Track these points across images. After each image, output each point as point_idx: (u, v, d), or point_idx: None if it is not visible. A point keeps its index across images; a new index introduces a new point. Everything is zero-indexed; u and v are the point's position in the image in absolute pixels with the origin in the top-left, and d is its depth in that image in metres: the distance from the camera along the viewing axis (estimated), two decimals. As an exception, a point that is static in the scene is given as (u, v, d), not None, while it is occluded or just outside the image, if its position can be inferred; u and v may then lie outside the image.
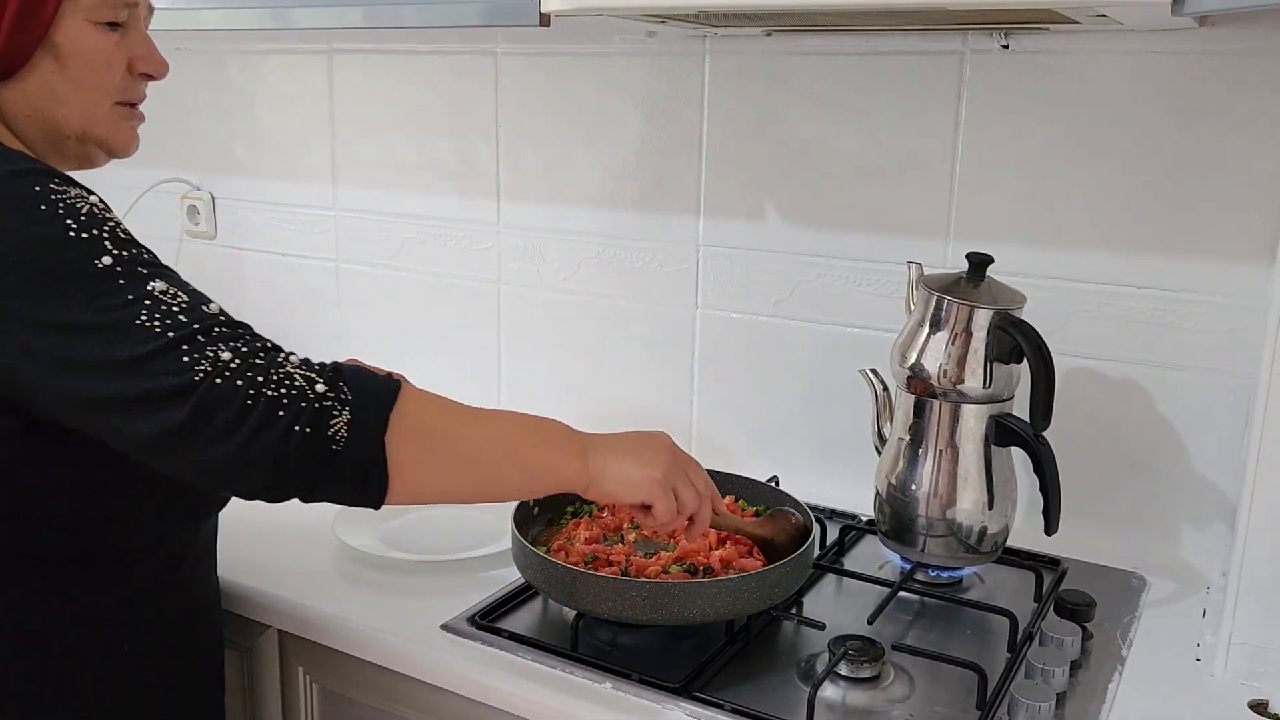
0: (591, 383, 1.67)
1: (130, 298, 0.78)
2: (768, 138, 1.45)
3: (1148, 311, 1.26)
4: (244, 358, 0.78)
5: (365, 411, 0.80)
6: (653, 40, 1.50)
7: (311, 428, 0.77)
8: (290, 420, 0.77)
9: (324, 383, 0.79)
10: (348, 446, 0.79)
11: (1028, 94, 1.28)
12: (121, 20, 0.92)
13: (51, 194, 0.80)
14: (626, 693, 0.99)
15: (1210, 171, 1.21)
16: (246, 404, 0.76)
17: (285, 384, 0.78)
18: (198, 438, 0.76)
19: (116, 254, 0.80)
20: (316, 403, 0.78)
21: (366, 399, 0.80)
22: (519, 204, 1.68)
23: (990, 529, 1.19)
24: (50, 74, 0.89)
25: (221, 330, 0.80)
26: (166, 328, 0.78)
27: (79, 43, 0.89)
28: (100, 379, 0.77)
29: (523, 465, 0.90)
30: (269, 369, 0.78)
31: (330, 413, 0.78)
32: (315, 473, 0.78)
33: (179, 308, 0.79)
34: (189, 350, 0.77)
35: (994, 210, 1.33)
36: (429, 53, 1.70)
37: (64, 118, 0.91)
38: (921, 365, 1.17)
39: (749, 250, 1.50)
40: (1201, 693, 1.02)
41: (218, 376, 0.77)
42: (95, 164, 0.96)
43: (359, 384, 0.81)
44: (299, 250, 1.93)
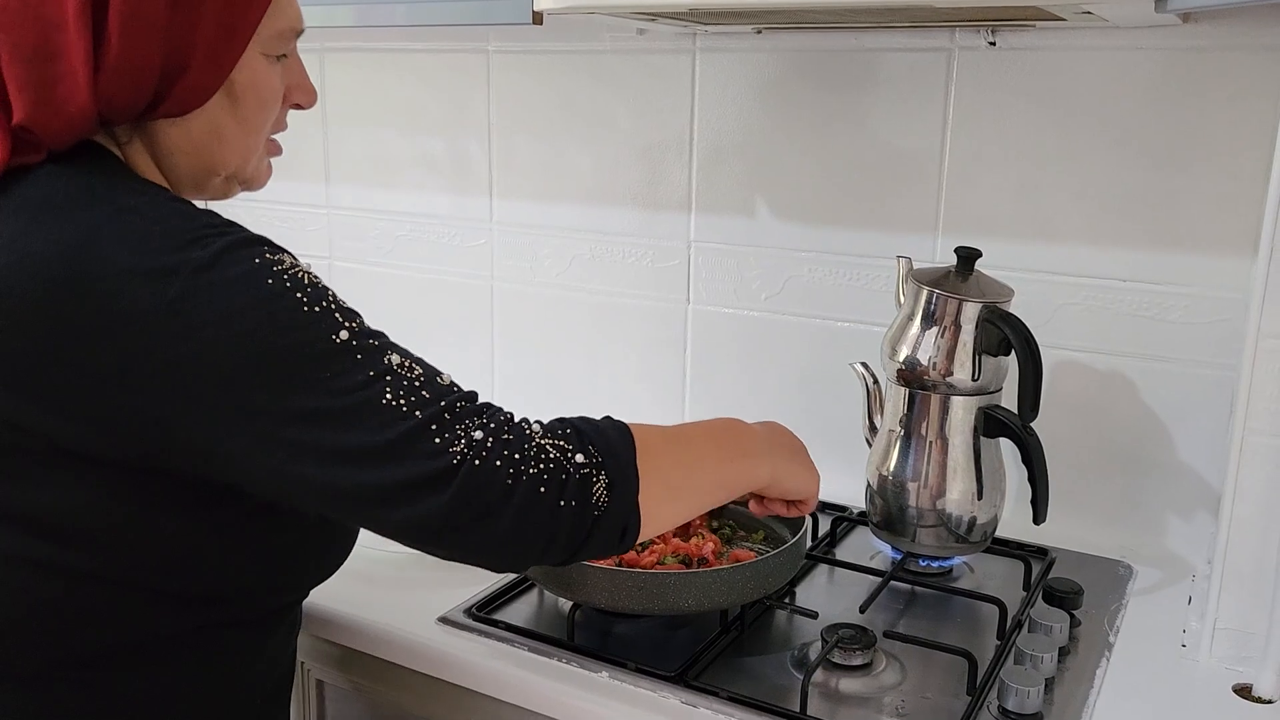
0: (584, 379, 1.68)
1: (372, 374, 0.74)
2: (757, 134, 1.47)
3: (1133, 304, 1.28)
4: (495, 435, 0.75)
5: (618, 473, 0.79)
6: (643, 38, 1.51)
7: (577, 500, 0.76)
8: (555, 496, 0.76)
9: (578, 450, 0.78)
10: (609, 510, 0.78)
11: (1015, 90, 1.30)
12: (289, 51, 0.87)
13: (273, 264, 0.74)
14: (623, 681, 1.01)
15: (1194, 166, 1.23)
16: (508, 484, 0.74)
17: (541, 459, 0.76)
18: (462, 522, 0.74)
19: (350, 327, 0.75)
20: (576, 474, 0.77)
21: (616, 459, 0.80)
22: (511, 201, 1.69)
23: (980, 519, 1.20)
24: (221, 112, 0.82)
25: (464, 405, 0.76)
26: (414, 406, 0.73)
27: (254, 80, 0.83)
28: (353, 467, 0.72)
29: (732, 484, 0.94)
30: (522, 444, 0.76)
31: (590, 481, 0.77)
32: (583, 540, 0.78)
33: (419, 383, 0.75)
34: (439, 430, 0.73)
35: (982, 205, 1.35)
36: (421, 51, 1.71)
37: (224, 157, 0.85)
38: (912, 358, 1.19)
39: (740, 246, 1.51)
40: (1187, 678, 1.04)
41: (475, 458, 0.73)
42: (229, 197, 0.91)
43: (604, 443, 0.80)
44: (292, 248, 1.93)
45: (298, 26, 0.87)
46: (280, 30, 0.84)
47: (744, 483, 0.96)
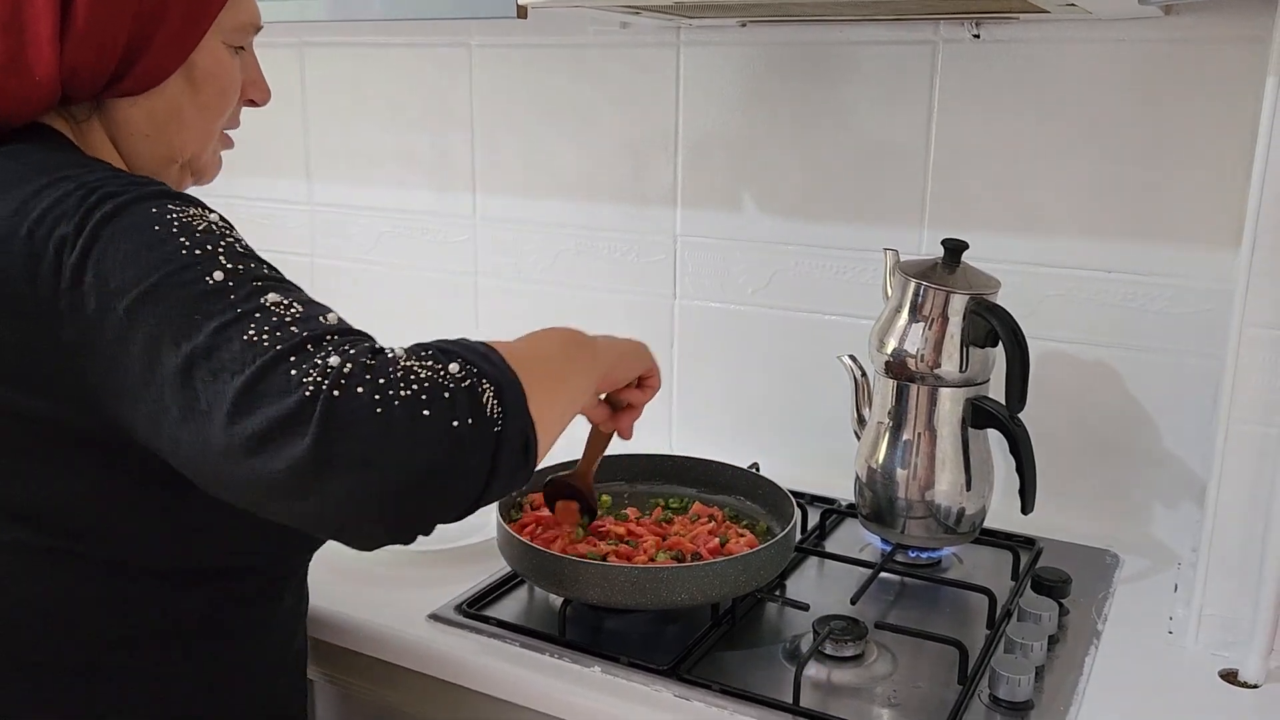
0: (570, 373, 1.67)
1: (240, 312, 0.68)
2: (743, 128, 1.47)
3: (1118, 295, 1.29)
4: (354, 359, 0.65)
5: (500, 378, 0.69)
6: (627, 31, 1.51)
7: (473, 416, 0.65)
8: (446, 416, 0.64)
9: (449, 361, 0.68)
10: (507, 420, 0.68)
11: (999, 82, 1.31)
12: (247, 45, 0.89)
13: (168, 213, 0.73)
14: (616, 675, 1.01)
15: (1177, 157, 1.23)
16: (377, 413, 0.63)
17: (412, 379, 0.65)
18: (338, 466, 0.62)
19: (229, 268, 0.70)
20: (458, 386, 0.66)
21: (491, 364, 0.70)
22: (495, 196, 1.68)
23: (968, 510, 1.21)
24: (182, 95, 0.84)
25: (333, 336, 0.68)
26: (275, 341, 0.66)
27: (214, 67, 0.85)
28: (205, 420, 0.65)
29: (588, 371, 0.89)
30: (386, 368, 0.65)
31: (476, 390, 0.67)
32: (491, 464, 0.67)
33: (290, 318, 0.68)
34: (296, 362, 0.65)
35: (968, 197, 1.35)
36: (402, 45, 1.70)
37: (182, 142, 0.86)
38: (900, 350, 1.19)
39: (726, 240, 1.51)
40: (1174, 663, 1.05)
41: (334, 388, 0.63)
42: (180, 188, 0.91)
43: (472, 353, 0.70)
44: (273, 246, 1.92)
45: (257, 22, 0.89)
46: (242, 23, 0.87)
47: (596, 368, 0.91)
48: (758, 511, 1.25)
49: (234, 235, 0.74)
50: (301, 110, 1.83)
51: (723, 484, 1.30)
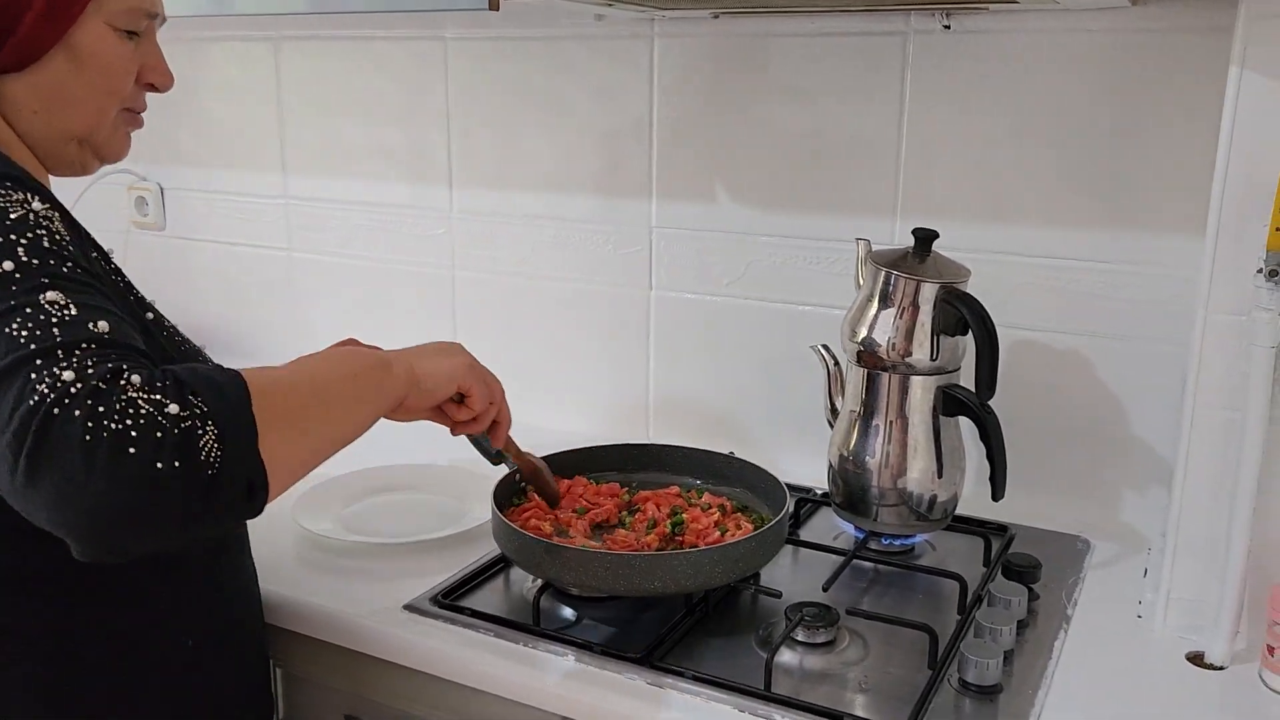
0: (548, 366, 1.68)
1: (13, 304, 0.70)
2: (717, 119, 1.47)
3: (1087, 284, 1.30)
4: (85, 379, 0.66)
5: (230, 421, 0.70)
6: (601, 23, 1.51)
7: (181, 460, 0.66)
8: (150, 457, 0.66)
9: (174, 400, 0.68)
10: (225, 466, 0.69)
11: (969, 73, 1.32)
12: (140, 29, 0.91)
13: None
14: (589, 664, 1.01)
15: (1145, 146, 1.24)
16: (86, 440, 0.64)
17: (130, 413, 0.66)
18: (40, 487, 0.65)
19: (22, 261, 0.73)
20: (174, 428, 0.67)
21: (225, 406, 0.71)
22: (471, 189, 1.68)
23: (940, 497, 1.22)
24: (65, 73, 0.87)
25: (87, 347, 0.69)
26: (33, 339, 0.68)
27: (97, 46, 0.88)
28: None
29: (366, 399, 0.87)
30: (111, 395, 0.66)
31: (193, 434, 0.68)
32: (201, 506, 0.68)
33: (59, 319, 0.70)
34: (40, 367, 0.66)
35: (939, 187, 1.36)
36: (378, 38, 1.70)
37: (71, 119, 0.89)
38: (871, 339, 1.20)
39: (701, 231, 1.52)
40: (1142, 647, 1.07)
41: (56, 405, 0.65)
42: (87, 171, 0.94)
43: (210, 391, 0.71)
44: (250, 240, 1.92)
45: (151, 10, 0.91)
46: (130, 8, 0.89)
47: (380, 395, 0.89)
48: (751, 499, 1.25)
49: (48, 229, 0.76)
50: (277, 104, 1.82)
51: (701, 474, 1.31)
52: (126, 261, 2.05)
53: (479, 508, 1.30)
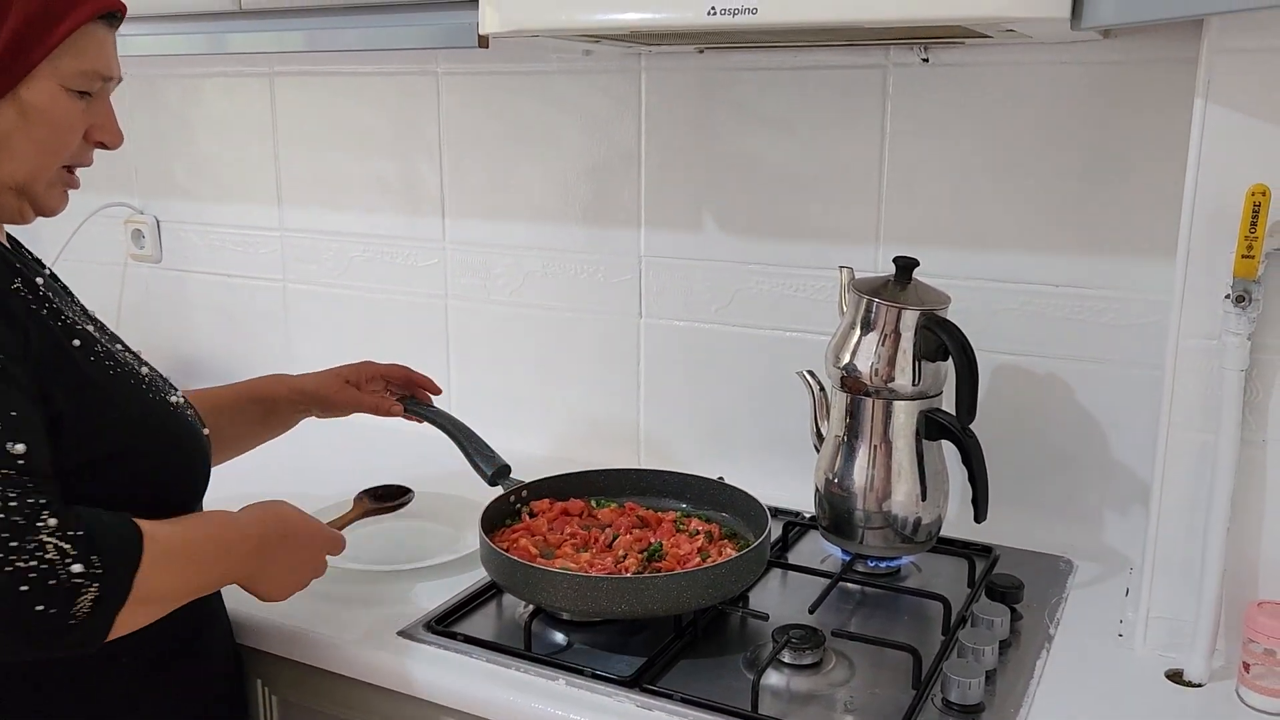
0: (540, 394, 1.70)
1: None
2: (703, 151, 1.50)
3: (1065, 309, 1.33)
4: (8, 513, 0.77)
5: (111, 588, 0.80)
6: (590, 58, 1.54)
7: (57, 609, 0.77)
8: (35, 600, 0.76)
9: (79, 559, 0.78)
10: (84, 623, 0.79)
11: (948, 104, 1.35)
12: (93, 91, 0.93)
13: None
14: (580, 688, 1.03)
15: (1119, 174, 1.28)
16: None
17: (37, 555, 0.76)
18: None
19: None
20: (68, 582, 0.77)
21: (115, 574, 0.81)
22: (463, 220, 1.71)
23: (924, 519, 1.24)
24: (12, 125, 0.89)
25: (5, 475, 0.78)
26: None
27: (47, 104, 0.90)
28: None
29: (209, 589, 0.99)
30: (24, 534, 0.77)
31: (78, 591, 0.78)
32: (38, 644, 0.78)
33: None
34: None
35: (920, 215, 1.39)
36: (371, 74, 1.73)
37: (10, 170, 0.91)
38: (854, 365, 1.22)
39: (689, 260, 1.55)
40: (1123, 665, 1.09)
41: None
42: (23, 221, 0.96)
43: (109, 552, 0.81)
44: (245, 271, 1.95)
45: (105, 73, 0.93)
46: (83, 70, 0.91)
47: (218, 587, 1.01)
48: (736, 524, 1.28)
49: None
50: (272, 138, 1.85)
51: (690, 499, 1.33)
52: (123, 294, 2.08)
53: (473, 535, 1.32)
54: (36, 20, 0.87)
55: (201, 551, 0.93)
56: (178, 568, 0.89)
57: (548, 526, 1.26)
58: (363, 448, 1.62)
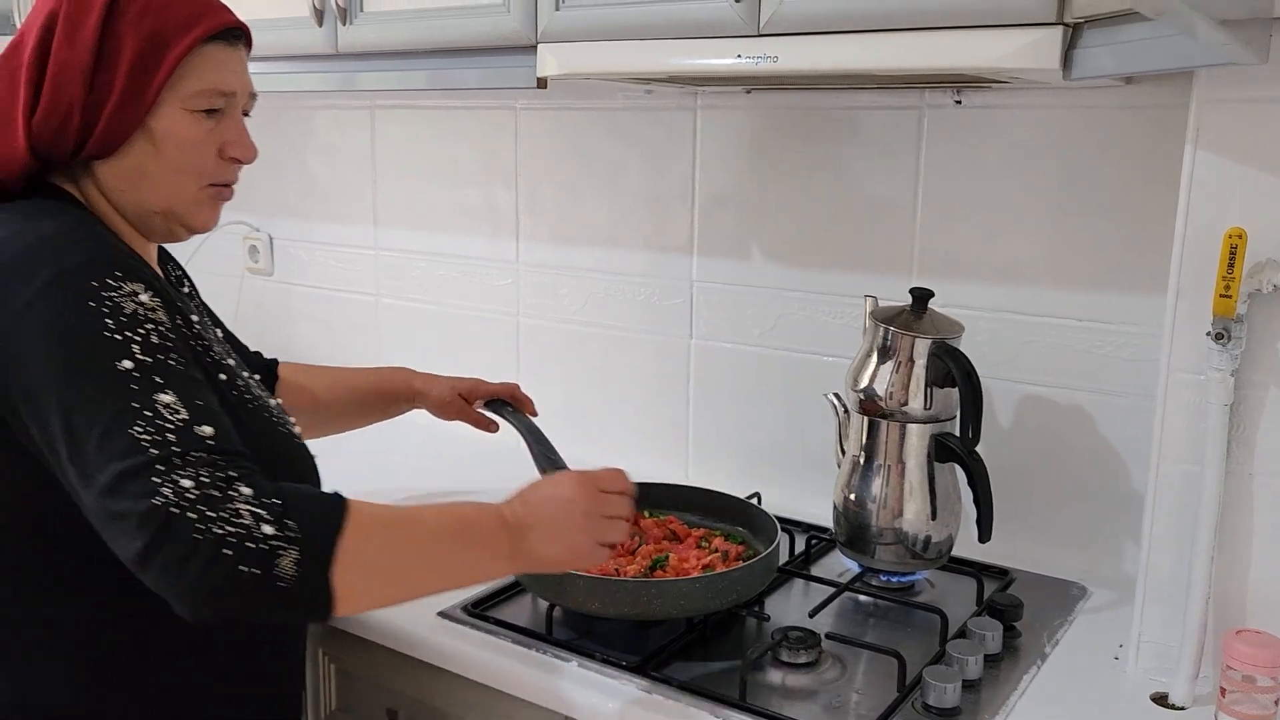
0: (599, 406, 1.82)
1: (134, 405, 0.83)
2: (752, 184, 1.60)
3: (1088, 342, 1.38)
4: (201, 488, 0.81)
5: (312, 549, 0.83)
6: (651, 97, 1.66)
7: (260, 568, 0.80)
8: (236, 561, 0.80)
9: (271, 523, 0.82)
10: (295, 583, 0.81)
11: (979, 144, 1.42)
12: (218, 108, 0.99)
13: (105, 289, 0.87)
14: (590, 670, 1.14)
15: (1141, 213, 1.32)
16: (194, 539, 0.79)
17: (234, 521, 0.80)
18: (154, 567, 0.80)
19: (140, 360, 0.85)
20: (264, 543, 0.81)
21: (313, 534, 0.83)
22: (535, 244, 1.85)
23: (934, 537, 1.31)
24: (145, 155, 0.96)
25: (199, 455, 0.83)
26: (152, 444, 0.82)
27: (172, 129, 0.96)
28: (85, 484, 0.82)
29: (455, 575, 0.97)
30: (222, 503, 0.81)
31: (277, 553, 0.81)
32: (263, 606, 0.82)
33: (173, 426, 0.83)
34: (159, 472, 0.81)
35: (951, 248, 1.46)
36: (458, 108, 1.89)
37: (150, 197, 0.98)
38: (871, 389, 1.30)
39: (737, 286, 1.65)
40: (1112, 687, 1.13)
41: (174, 508, 0.79)
42: (178, 239, 1.04)
43: (306, 518, 0.84)
44: (343, 285, 2.13)
45: (224, 89, 0.99)
46: (200, 90, 0.97)
47: (475, 576, 1.00)
48: (751, 538, 1.37)
49: (155, 323, 0.88)
50: (371, 165, 2.03)
51: (724, 512, 1.43)
52: (239, 303, 2.29)
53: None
54: (149, 51, 0.94)
55: (425, 525, 0.93)
56: (395, 537, 0.90)
57: None
58: (423, 448, 1.75)
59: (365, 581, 0.87)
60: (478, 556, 0.96)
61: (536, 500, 1.00)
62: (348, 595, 0.84)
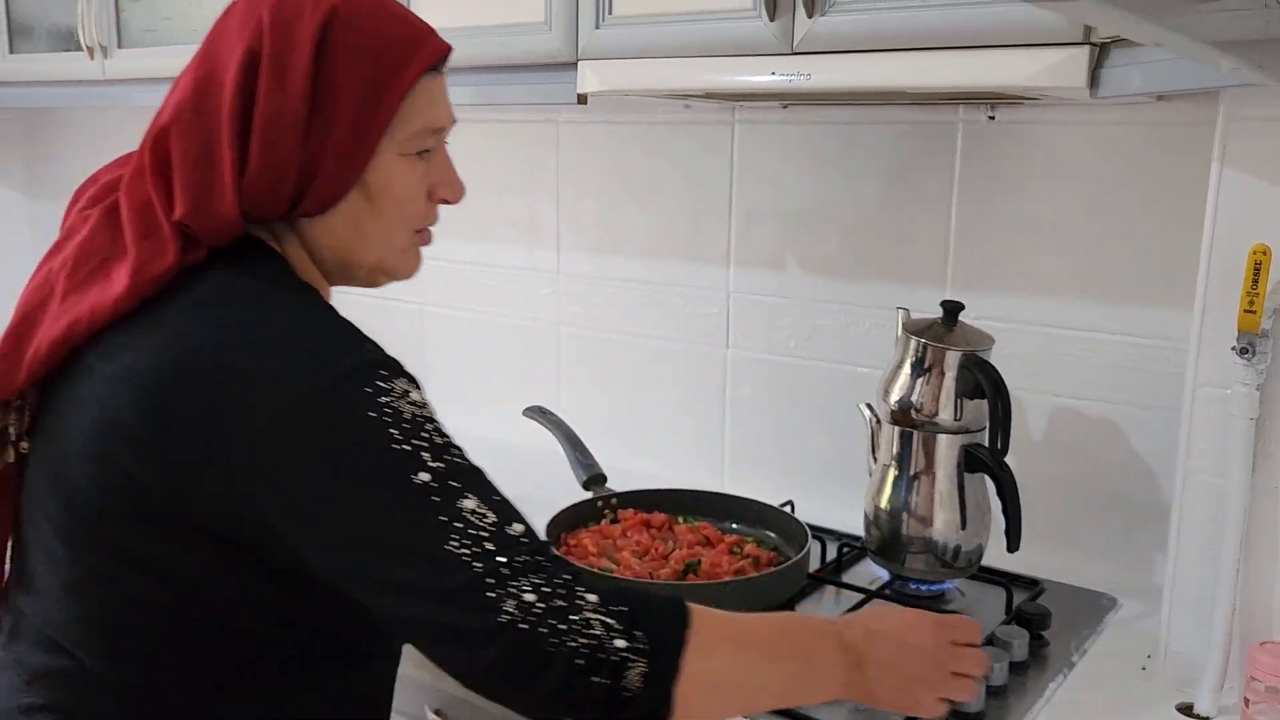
0: (636, 414, 1.86)
1: (442, 519, 0.77)
2: (787, 197, 1.63)
3: (1120, 356, 1.39)
4: (546, 599, 0.77)
5: (659, 664, 0.80)
6: (689, 110, 1.70)
7: (610, 679, 0.78)
8: (590, 673, 0.78)
9: (623, 635, 0.79)
10: (641, 695, 0.79)
11: (1013, 158, 1.43)
12: (430, 148, 0.92)
13: (380, 395, 0.79)
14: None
15: (1172, 228, 1.33)
16: (548, 652, 0.77)
17: (585, 633, 0.78)
18: (497, 679, 0.78)
19: (434, 468, 0.78)
20: (614, 656, 0.78)
21: (661, 650, 0.80)
22: (576, 254, 1.89)
23: (964, 547, 1.32)
24: (358, 209, 0.89)
25: (525, 561, 0.79)
26: (475, 557, 0.77)
27: (388, 179, 0.88)
28: (404, 599, 0.78)
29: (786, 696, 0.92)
30: (569, 614, 0.78)
31: (627, 664, 0.79)
32: (605, 713, 0.79)
33: (486, 533, 0.78)
34: (494, 586, 0.76)
35: (985, 261, 1.47)
36: (503, 122, 1.94)
37: (361, 253, 0.91)
38: (903, 400, 1.32)
39: (772, 297, 1.68)
40: (1138, 696, 1.14)
41: (523, 622, 0.76)
42: (376, 285, 0.97)
43: (654, 630, 0.81)
44: (388, 294, 2.17)
45: (435, 125, 0.92)
46: (415, 131, 0.89)
47: (803, 699, 0.95)
48: (783, 545, 1.41)
49: (431, 420, 0.81)
50: (417, 176, 2.09)
51: (757, 518, 1.46)
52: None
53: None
54: (368, 93, 0.86)
55: (763, 643, 0.89)
56: (735, 656, 0.86)
57: (621, 532, 1.41)
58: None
59: (704, 699, 0.83)
60: (811, 681, 0.90)
61: (883, 635, 0.93)
62: (685, 707, 0.82)
